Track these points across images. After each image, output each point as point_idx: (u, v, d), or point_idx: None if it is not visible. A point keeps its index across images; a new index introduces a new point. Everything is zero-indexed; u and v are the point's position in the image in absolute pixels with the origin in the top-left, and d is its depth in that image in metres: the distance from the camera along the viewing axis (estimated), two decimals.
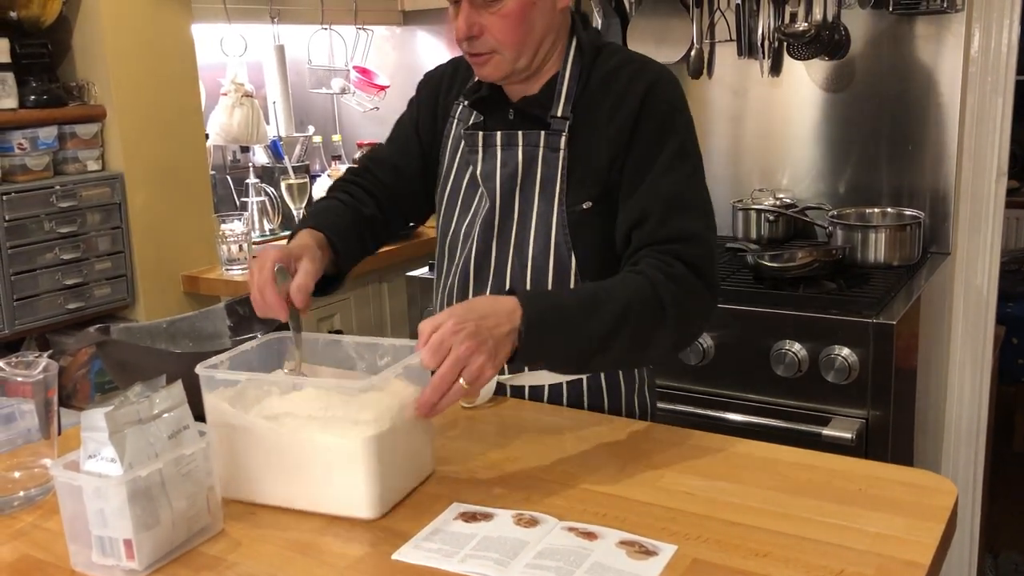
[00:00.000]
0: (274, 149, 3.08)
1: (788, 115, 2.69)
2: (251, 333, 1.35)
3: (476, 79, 1.45)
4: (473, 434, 1.38)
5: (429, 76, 1.62)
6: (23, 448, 1.22)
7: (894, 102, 2.55)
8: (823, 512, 1.10)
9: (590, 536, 1.05)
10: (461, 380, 1.14)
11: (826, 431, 2.04)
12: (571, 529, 1.07)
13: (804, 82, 2.65)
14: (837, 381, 2.05)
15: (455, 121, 1.52)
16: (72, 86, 2.37)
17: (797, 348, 2.09)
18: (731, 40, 2.66)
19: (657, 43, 2.71)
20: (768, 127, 2.73)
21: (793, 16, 2.50)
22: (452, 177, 1.52)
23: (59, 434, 1.39)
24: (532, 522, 1.09)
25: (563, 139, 1.39)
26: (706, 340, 2.20)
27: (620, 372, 1.49)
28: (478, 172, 1.46)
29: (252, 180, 2.97)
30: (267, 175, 3.01)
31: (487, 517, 1.11)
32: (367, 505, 1.12)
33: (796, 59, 2.58)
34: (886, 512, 1.09)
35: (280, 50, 3.06)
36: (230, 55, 2.89)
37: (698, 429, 1.37)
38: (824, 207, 2.63)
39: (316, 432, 1.13)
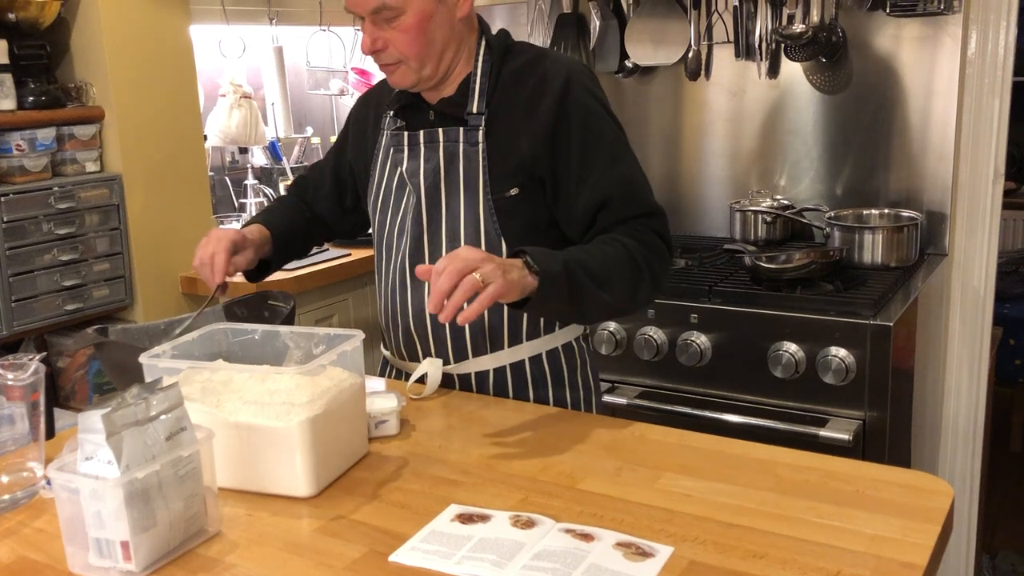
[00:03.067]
0: (272, 150, 3.08)
1: (785, 117, 2.70)
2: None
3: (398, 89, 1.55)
4: (466, 434, 1.38)
5: (359, 100, 1.74)
6: (14, 451, 1.22)
7: (891, 104, 2.55)
8: (820, 513, 1.10)
9: (587, 538, 1.05)
10: (476, 275, 1.21)
11: (823, 432, 2.04)
12: (568, 531, 1.07)
13: (801, 84, 2.66)
14: (834, 382, 2.06)
15: (384, 132, 1.62)
16: (70, 87, 2.38)
17: (794, 349, 2.09)
18: (728, 42, 2.67)
19: (655, 44, 2.71)
20: (765, 129, 2.73)
21: (790, 18, 2.50)
22: (384, 181, 1.60)
23: (52, 436, 1.40)
24: (529, 523, 1.09)
25: (480, 133, 1.49)
26: (703, 341, 2.20)
27: (561, 354, 1.58)
28: (404, 170, 1.55)
29: (251, 181, 2.97)
30: (266, 176, 3.01)
31: (484, 519, 1.11)
32: (304, 484, 1.18)
33: (793, 61, 2.58)
34: (883, 513, 1.09)
35: (279, 51, 3.06)
36: (228, 56, 2.89)
37: (695, 430, 1.37)
38: (821, 208, 2.64)
39: (254, 416, 1.18)
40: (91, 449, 1.00)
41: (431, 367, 1.53)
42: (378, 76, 3.26)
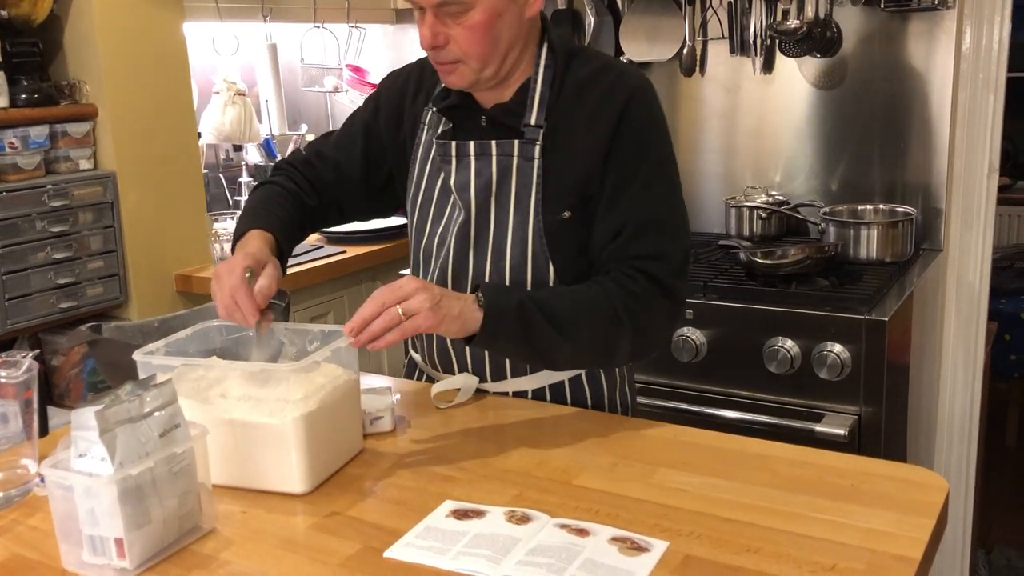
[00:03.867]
0: (267, 148, 3.08)
1: (780, 112, 2.70)
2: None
3: (443, 85, 1.43)
4: (462, 431, 1.38)
5: (394, 77, 1.59)
6: (7, 449, 1.21)
7: (886, 99, 2.55)
8: (815, 508, 1.10)
9: (582, 533, 1.05)
10: (399, 308, 1.19)
11: (819, 427, 2.04)
12: (563, 526, 1.07)
13: (796, 79, 2.65)
14: (830, 378, 2.06)
15: (425, 127, 1.50)
16: (63, 85, 2.37)
17: (790, 345, 2.09)
18: (723, 37, 2.67)
19: (650, 40, 2.71)
20: (760, 124, 2.73)
21: (785, 13, 2.50)
22: (424, 185, 1.50)
23: (46, 434, 1.39)
24: (524, 519, 1.09)
25: (537, 148, 1.38)
26: (699, 337, 2.20)
27: (602, 372, 1.50)
28: (451, 182, 1.44)
29: (245, 179, 2.97)
30: (260, 173, 3.00)
31: (479, 514, 1.11)
32: (298, 481, 1.18)
33: (788, 56, 2.58)
34: (878, 508, 1.09)
35: (273, 48, 3.05)
36: (222, 54, 2.89)
37: (691, 426, 1.37)
38: (816, 204, 2.64)
39: (249, 413, 1.18)
40: (85, 446, 1.00)
41: (465, 383, 1.46)
42: (373, 74, 3.27)
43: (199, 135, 2.72)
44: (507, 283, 1.41)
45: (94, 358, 1.44)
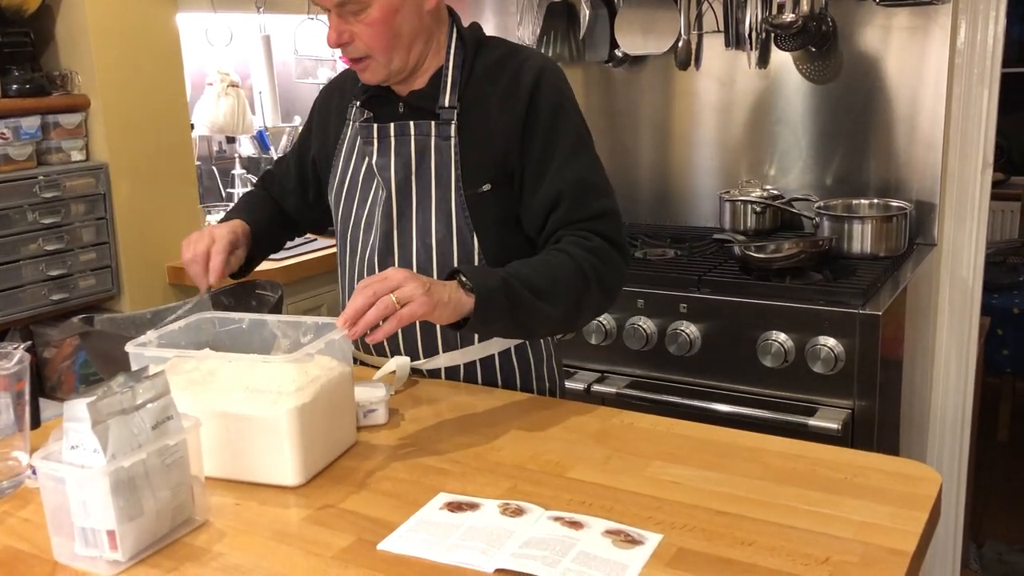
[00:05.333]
0: (260, 139, 3.07)
1: (775, 106, 2.70)
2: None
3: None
4: (456, 423, 1.37)
5: (323, 91, 1.70)
6: (0, 441, 1.21)
7: (880, 93, 2.55)
8: (808, 501, 1.10)
9: (576, 525, 1.05)
10: (392, 296, 1.20)
11: (812, 421, 2.05)
12: (557, 518, 1.07)
13: (791, 73, 2.65)
14: (823, 372, 2.06)
15: (350, 122, 1.58)
16: (55, 75, 2.36)
17: (783, 339, 2.10)
18: (718, 31, 2.66)
19: (645, 34, 2.70)
20: (755, 118, 2.73)
21: (780, 7, 2.50)
22: (350, 172, 1.57)
23: (38, 426, 1.39)
24: (518, 511, 1.09)
25: (453, 127, 1.46)
26: (693, 331, 2.20)
27: (528, 346, 1.57)
28: (374, 163, 1.51)
29: (238, 171, 2.96)
30: (253, 166, 2.99)
31: (473, 507, 1.10)
32: (291, 473, 1.18)
33: (783, 50, 2.58)
34: (871, 501, 1.09)
35: (266, 40, 3.04)
36: (216, 45, 2.87)
37: (684, 420, 1.37)
38: (811, 198, 2.64)
39: (242, 405, 1.18)
40: (76, 438, 0.99)
41: (398, 365, 1.48)
42: None
43: (192, 127, 2.71)
44: (433, 258, 1.48)
45: (86, 350, 1.43)
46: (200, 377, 1.22)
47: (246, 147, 3.06)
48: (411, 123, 1.48)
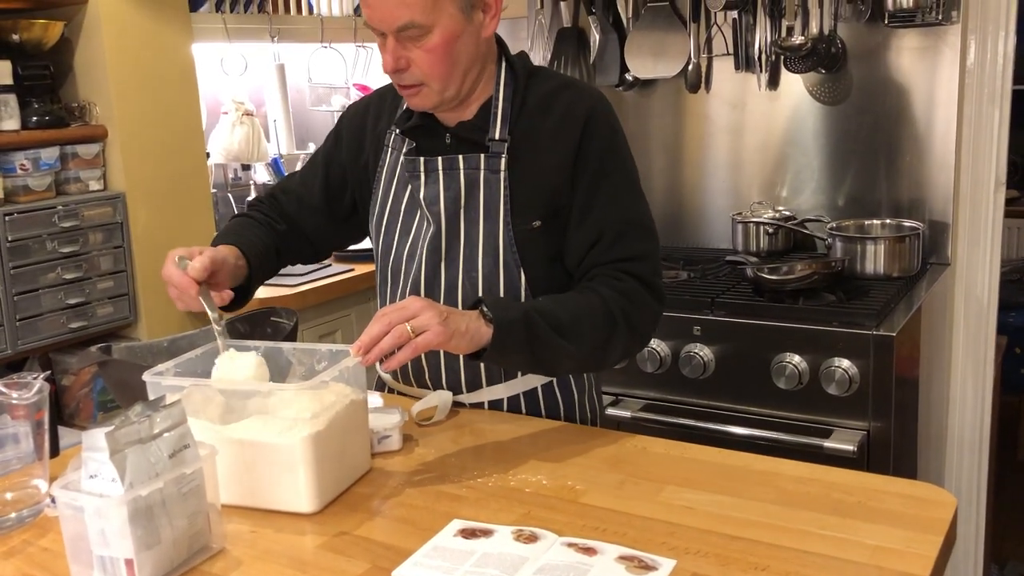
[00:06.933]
0: (275, 167, 3.10)
1: (786, 128, 2.70)
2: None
3: (406, 107, 1.48)
4: (470, 449, 1.38)
5: (354, 108, 1.65)
6: (19, 470, 1.22)
7: (891, 114, 2.55)
8: (822, 525, 1.10)
9: (590, 551, 1.05)
10: (408, 325, 1.20)
11: (828, 443, 2.04)
12: (571, 544, 1.07)
13: (801, 95, 2.66)
14: (838, 393, 2.05)
15: (389, 149, 1.54)
16: (74, 107, 2.39)
17: (797, 360, 2.09)
18: (728, 54, 2.68)
19: (655, 58, 2.72)
20: (766, 140, 2.74)
21: (790, 30, 2.51)
22: (391, 202, 1.53)
23: (57, 454, 1.40)
24: (532, 538, 1.09)
25: (503, 161, 1.43)
26: (706, 353, 2.20)
27: (571, 378, 1.55)
28: (420, 196, 1.47)
29: (253, 198, 2.97)
30: None
31: (487, 533, 1.11)
32: (307, 500, 1.19)
33: (793, 72, 2.59)
34: (885, 524, 1.09)
35: (281, 69, 3.08)
36: (231, 74, 2.91)
37: (699, 443, 1.37)
38: (823, 219, 2.64)
39: (257, 432, 1.19)
40: (95, 467, 1.01)
41: (440, 400, 1.48)
42: None
43: (208, 155, 2.74)
44: (479, 293, 1.45)
45: (104, 378, 1.45)
46: (216, 405, 1.23)
47: (261, 174, 3.09)
48: (460, 157, 1.44)
